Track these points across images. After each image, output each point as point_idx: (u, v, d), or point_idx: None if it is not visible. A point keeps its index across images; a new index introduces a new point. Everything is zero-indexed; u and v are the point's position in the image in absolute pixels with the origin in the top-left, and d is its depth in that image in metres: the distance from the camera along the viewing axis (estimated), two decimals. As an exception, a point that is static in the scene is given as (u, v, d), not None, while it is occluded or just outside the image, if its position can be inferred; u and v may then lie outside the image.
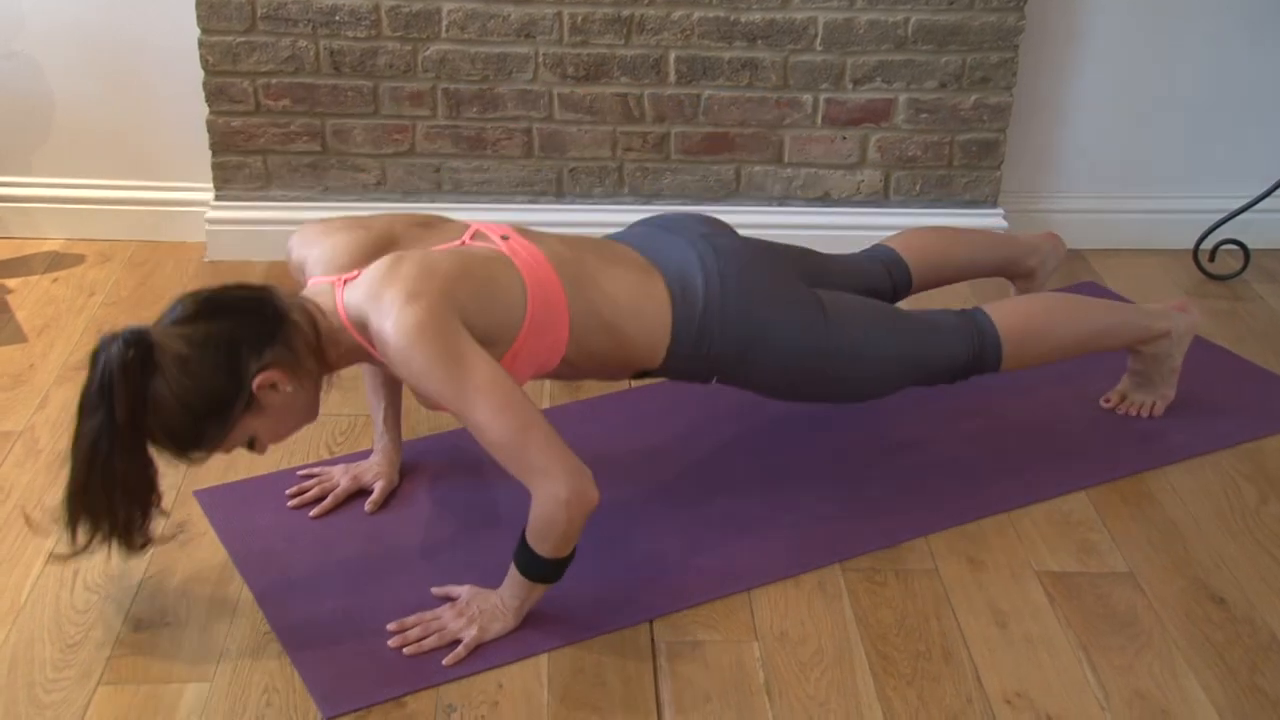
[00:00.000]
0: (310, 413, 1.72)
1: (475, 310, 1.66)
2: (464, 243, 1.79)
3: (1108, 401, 2.26)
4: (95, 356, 1.56)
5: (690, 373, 1.92)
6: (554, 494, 1.60)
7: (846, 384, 1.98)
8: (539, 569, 1.68)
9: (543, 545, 1.66)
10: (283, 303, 1.65)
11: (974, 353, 2.02)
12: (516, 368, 1.74)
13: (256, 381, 1.59)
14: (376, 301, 1.63)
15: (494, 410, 1.59)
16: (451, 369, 1.59)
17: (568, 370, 1.85)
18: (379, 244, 1.76)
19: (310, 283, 1.75)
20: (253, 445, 1.68)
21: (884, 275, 2.18)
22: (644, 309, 1.83)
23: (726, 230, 2.00)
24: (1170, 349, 2.19)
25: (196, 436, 1.60)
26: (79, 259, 2.72)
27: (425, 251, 1.71)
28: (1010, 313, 2.07)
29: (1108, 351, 2.18)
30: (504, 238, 1.80)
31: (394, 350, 1.61)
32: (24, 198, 2.78)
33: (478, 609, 1.72)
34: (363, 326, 1.66)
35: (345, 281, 1.70)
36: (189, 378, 1.56)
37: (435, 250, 1.74)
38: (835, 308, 1.95)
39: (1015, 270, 2.35)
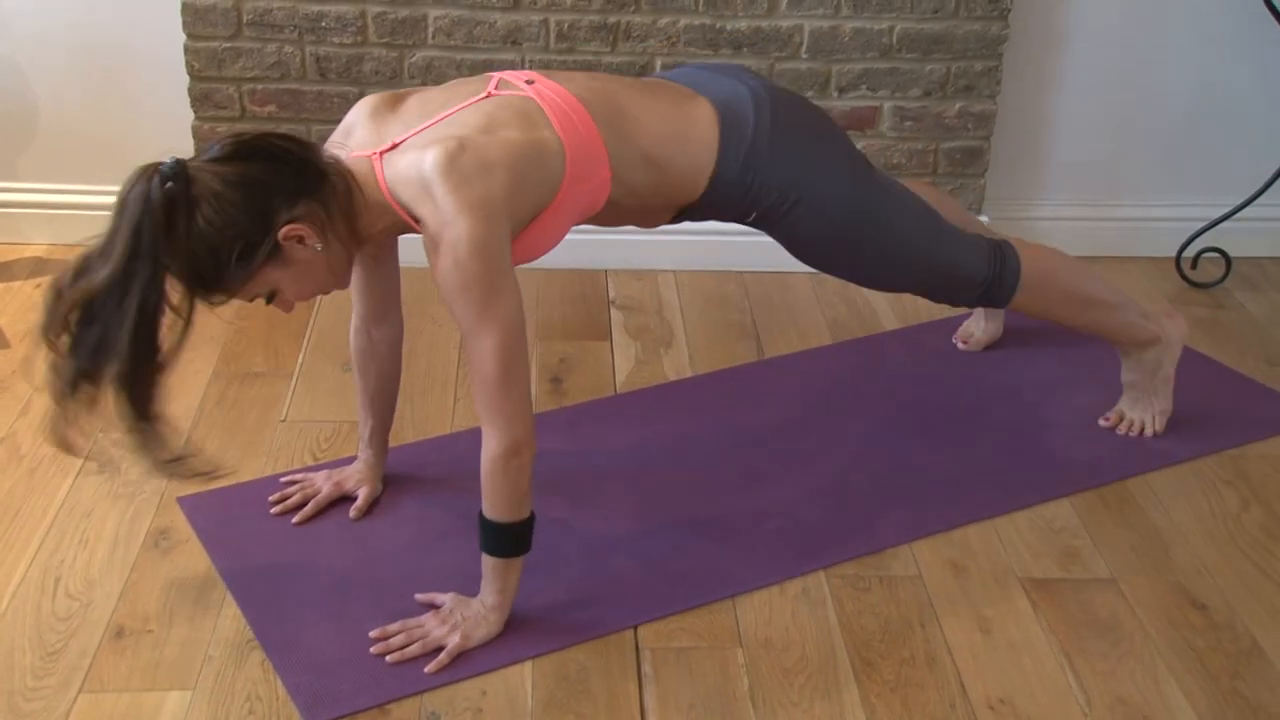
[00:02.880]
0: (337, 278, 1.70)
1: (523, 193, 1.66)
2: (490, 93, 1.74)
3: (1107, 421, 2.24)
4: (131, 187, 1.53)
5: (731, 206, 1.87)
6: (495, 444, 1.63)
7: (875, 259, 1.95)
8: (498, 539, 1.68)
9: (493, 507, 1.67)
10: (323, 162, 1.64)
11: (994, 274, 2.02)
12: (560, 217, 1.72)
13: (284, 231, 1.58)
14: (432, 196, 1.60)
15: (497, 345, 1.60)
16: (486, 293, 1.59)
17: (611, 212, 1.82)
18: (394, 102, 1.74)
19: (351, 155, 1.71)
20: (272, 299, 1.66)
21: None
22: (687, 134, 1.80)
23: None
24: (1160, 356, 2.18)
25: (218, 277, 1.58)
26: (62, 265, 2.70)
27: (477, 135, 1.65)
28: (1035, 251, 2.09)
29: (1100, 334, 2.18)
30: (529, 82, 1.76)
31: (445, 257, 1.59)
32: (8, 203, 2.77)
33: (461, 616, 1.72)
34: (409, 207, 1.64)
35: (383, 154, 1.67)
36: (220, 215, 1.54)
37: (478, 123, 1.67)
38: (881, 175, 1.95)
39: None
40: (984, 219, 2.79)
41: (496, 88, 1.75)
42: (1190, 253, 2.80)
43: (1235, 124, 2.83)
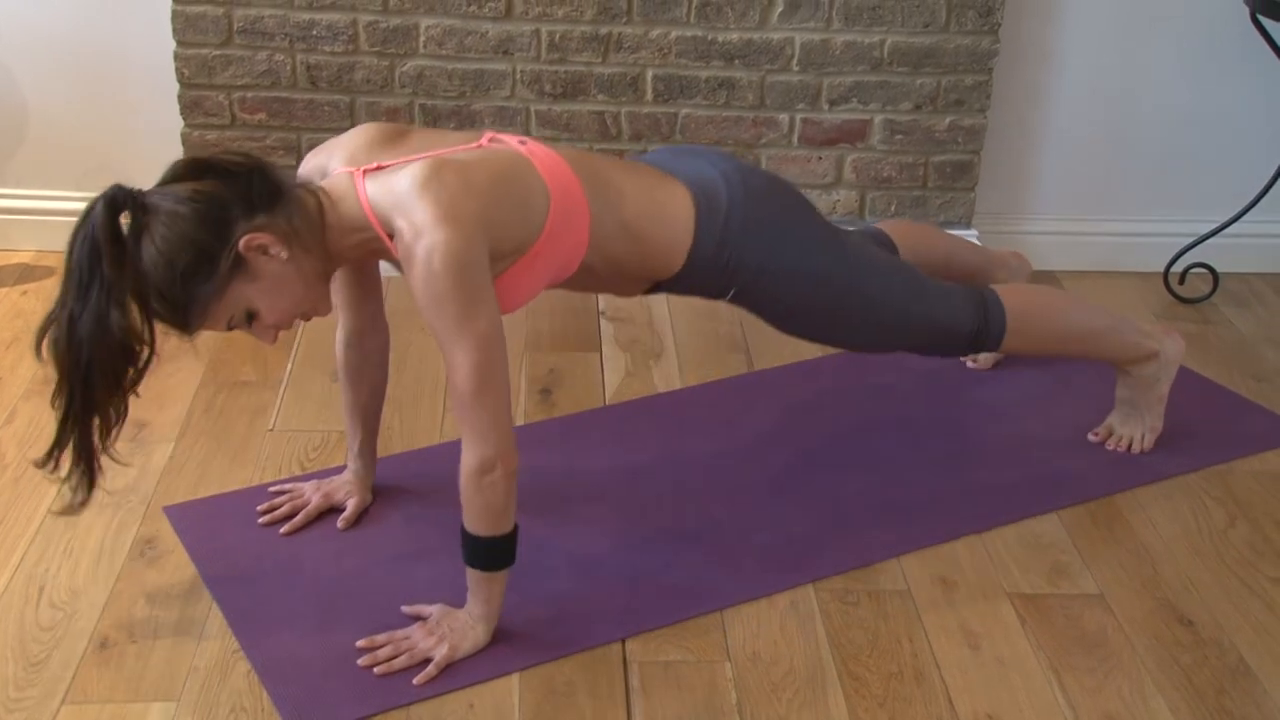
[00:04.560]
0: (314, 297, 1.68)
1: (503, 223, 1.66)
2: (482, 145, 1.76)
3: (1096, 435, 2.24)
4: (84, 217, 1.52)
5: (707, 283, 1.89)
6: (469, 459, 1.63)
7: (857, 326, 1.98)
8: (478, 552, 1.68)
9: (471, 521, 1.66)
10: (281, 176, 1.63)
11: (979, 325, 2.03)
12: (535, 270, 1.72)
13: (244, 241, 1.57)
14: (411, 208, 1.60)
15: (474, 361, 1.59)
16: (463, 306, 1.58)
17: (585, 278, 1.83)
18: (394, 135, 1.74)
19: (334, 171, 1.71)
20: (253, 322, 1.65)
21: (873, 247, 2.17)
22: (665, 211, 1.82)
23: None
24: (1158, 373, 2.18)
25: (187, 298, 1.57)
26: (50, 271, 2.69)
27: (464, 160, 1.67)
28: (1017, 293, 2.10)
29: (1098, 360, 2.19)
30: (520, 142, 1.78)
31: (419, 267, 1.58)
32: (-5, 209, 2.77)
33: (448, 627, 1.71)
34: (387, 222, 1.64)
35: (366, 172, 1.67)
36: (173, 230, 1.53)
37: (469, 158, 1.69)
38: (854, 243, 1.97)
39: (983, 280, 2.36)
40: (974, 234, 2.80)
41: (489, 142, 1.77)
42: (1178, 268, 2.81)
43: (1223, 140, 2.85)
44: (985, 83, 2.69)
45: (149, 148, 2.71)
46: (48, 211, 2.75)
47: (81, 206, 1.56)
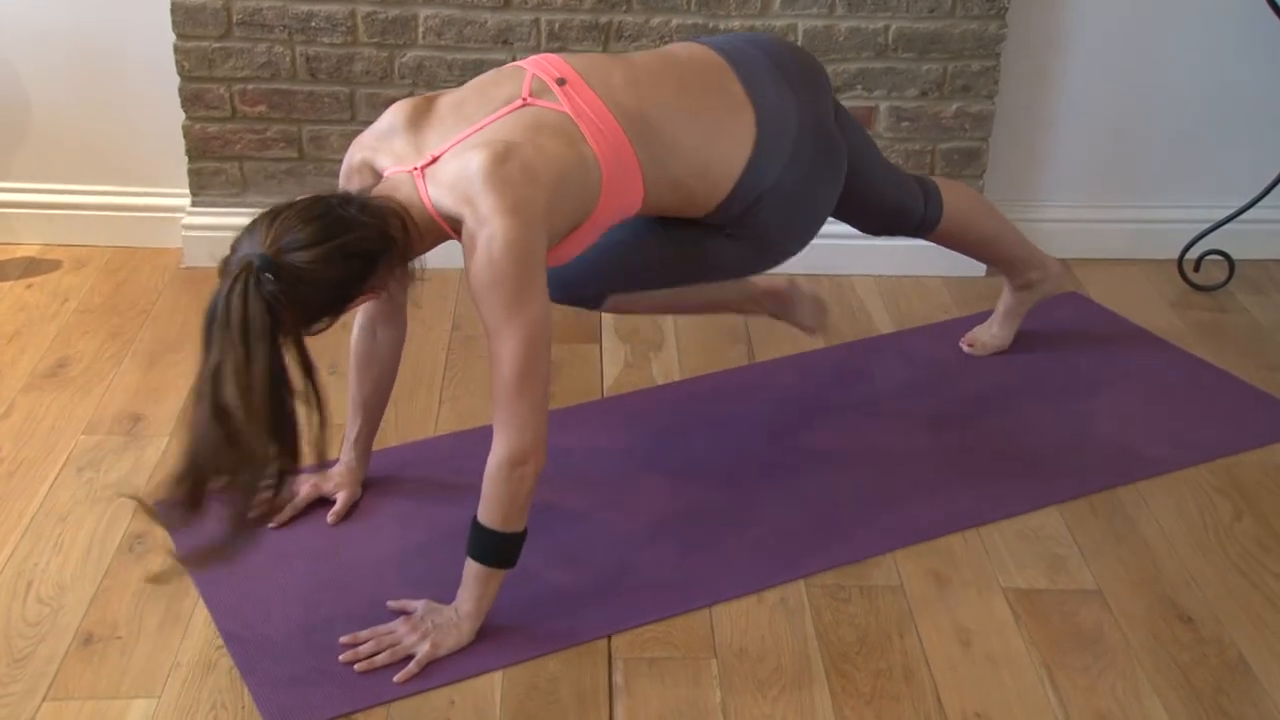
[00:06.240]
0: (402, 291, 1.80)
1: (562, 211, 1.68)
2: (525, 100, 1.73)
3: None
4: (224, 294, 1.52)
5: (717, 222, 1.89)
6: (502, 449, 1.63)
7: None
8: (486, 546, 1.67)
9: (488, 512, 1.65)
10: (389, 224, 1.63)
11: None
12: (594, 230, 1.76)
13: (363, 298, 1.66)
14: (476, 198, 1.61)
15: (520, 350, 1.61)
16: (516, 294, 1.60)
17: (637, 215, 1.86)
18: (425, 108, 1.75)
19: (387, 174, 1.71)
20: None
21: (919, 201, 2.19)
22: (717, 162, 1.81)
23: (830, 97, 2.00)
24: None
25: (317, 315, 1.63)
26: (55, 264, 2.70)
27: (524, 149, 1.66)
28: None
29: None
30: (560, 82, 1.75)
31: (479, 254, 1.60)
32: (0, 202, 2.77)
33: (432, 623, 1.70)
34: (453, 217, 1.65)
35: (424, 169, 1.68)
36: (314, 291, 1.58)
37: (524, 138, 1.67)
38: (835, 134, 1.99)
39: (1018, 274, 2.37)
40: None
41: (531, 94, 1.74)
42: (1193, 255, 2.75)
43: (1238, 124, 2.79)
44: (993, 68, 2.65)
45: (151, 140, 2.72)
46: (52, 205, 2.76)
47: (85, 200, 1.56)
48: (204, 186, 2.70)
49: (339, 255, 1.58)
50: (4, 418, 2.18)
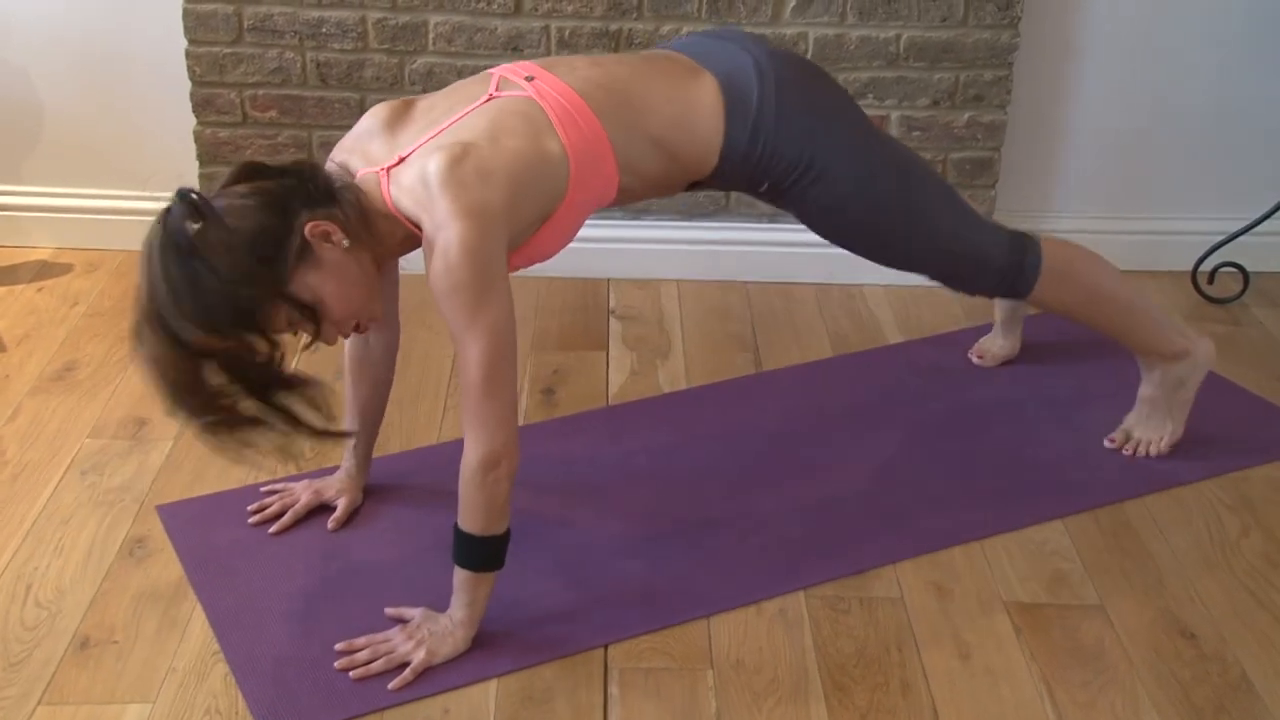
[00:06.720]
0: (371, 288, 1.69)
1: (522, 207, 1.67)
2: (492, 96, 1.73)
3: (1112, 441, 2.17)
4: (160, 221, 1.56)
5: (741, 178, 1.86)
6: (473, 454, 1.62)
7: (889, 231, 1.92)
8: (469, 551, 1.67)
9: (467, 518, 1.65)
10: (331, 175, 1.66)
11: (1015, 261, 1.96)
12: (569, 220, 1.74)
13: (309, 227, 1.60)
14: (431, 203, 1.61)
15: (482, 352, 1.60)
16: (477, 298, 1.59)
17: (625, 197, 1.83)
18: (401, 112, 1.75)
19: (359, 176, 1.71)
20: (319, 320, 1.64)
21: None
22: (693, 114, 1.79)
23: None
24: (1187, 374, 2.11)
25: (253, 287, 1.57)
26: (66, 268, 2.72)
27: (481, 146, 1.65)
28: (1059, 245, 2.03)
29: (1126, 342, 2.09)
30: (529, 78, 1.75)
31: (437, 259, 1.60)
32: (12, 206, 2.78)
33: (427, 631, 1.70)
34: (413, 217, 1.65)
35: (389, 170, 1.68)
36: (242, 221, 1.56)
37: (484, 137, 1.66)
38: (899, 146, 1.95)
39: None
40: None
41: (498, 89, 1.74)
42: (1207, 267, 2.73)
43: (1253, 136, 2.76)
44: (1005, 78, 2.63)
45: (162, 145, 2.73)
46: (64, 209, 2.78)
47: (96, 204, 1.57)
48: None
49: (263, 188, 1.60)
50: (10, 420, 2.19)
